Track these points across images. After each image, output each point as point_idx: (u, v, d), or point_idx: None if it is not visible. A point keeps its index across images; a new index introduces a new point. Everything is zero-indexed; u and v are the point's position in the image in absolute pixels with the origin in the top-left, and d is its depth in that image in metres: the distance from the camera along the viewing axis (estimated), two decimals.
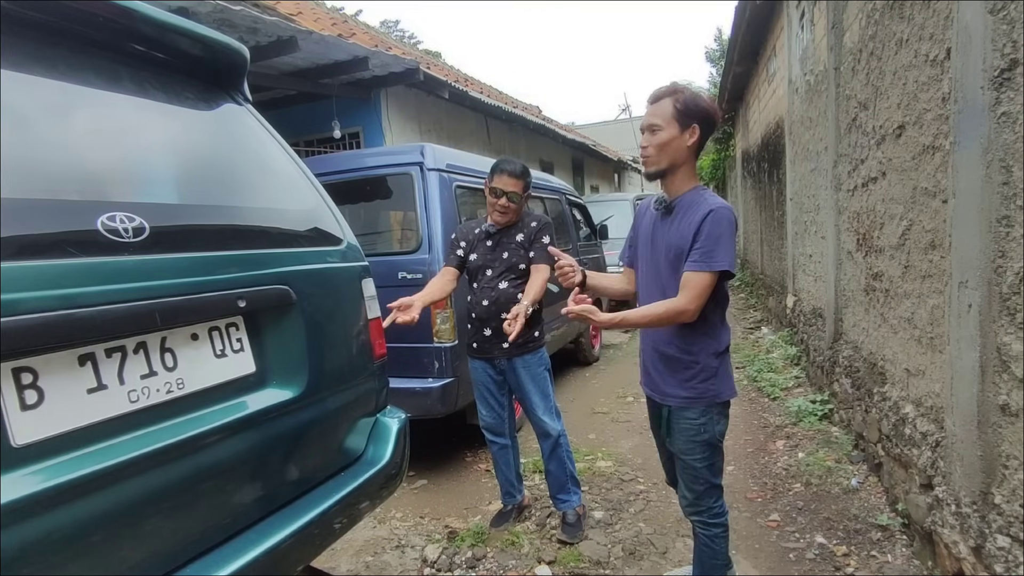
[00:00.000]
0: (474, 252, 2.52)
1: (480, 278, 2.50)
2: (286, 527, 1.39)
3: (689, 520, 1.86)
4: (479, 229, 2.54)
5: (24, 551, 0.94)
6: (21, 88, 1.14)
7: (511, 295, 2.43)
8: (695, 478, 1.77)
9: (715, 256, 1.58)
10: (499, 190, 2.39)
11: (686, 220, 1.66)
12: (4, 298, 0.94)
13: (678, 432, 1.75)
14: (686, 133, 1.65)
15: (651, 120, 1.66)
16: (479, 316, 2.49)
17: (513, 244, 2.47)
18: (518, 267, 2.46)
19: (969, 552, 1.77)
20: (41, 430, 0.99)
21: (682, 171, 1.70)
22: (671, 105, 1.64)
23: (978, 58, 1.64)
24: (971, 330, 1.71)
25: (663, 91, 1.68)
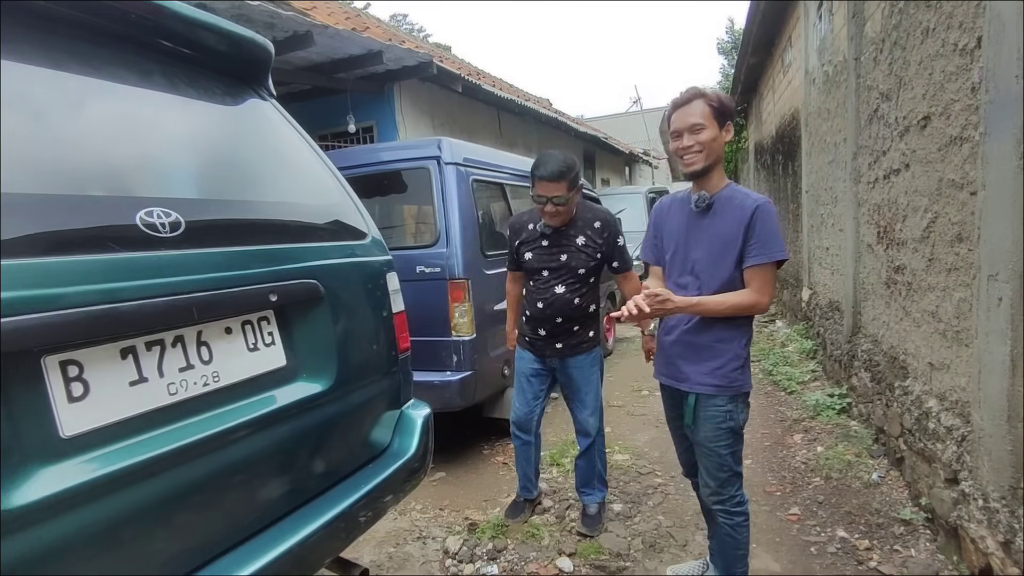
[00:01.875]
0: (529, 251, 2.44)
1: (536, 278, 2.43)
2: (316, 520, 1.40)
3: (711, 510, 1.85)
4: (533, 226, 2.44)
5: (71, 542, 0.96)
6: (62, 85, 1.16)
7: (567, 300, 2.37)
8: (720, 466, 1.78)
9: (774, 248, 1.65)
10: (543, 197, 2.29)
11: (729, 215, 1.69)
12: (52, 292, 0.96)
13: (705, 420, 1.76)
14: (723, 131, 1.70)
15: (692, 119, 1.68)
16: (533, 316, 2.45)
17: (573, 247, 2.37)
18: (577, 271, 2.36)
19: (998, 547, 1.76)
20: (87, 422, 1.01)
21: (718, 168, 1.75)
22: (706, 105, 1.68)
23: (1012, 47, 1.62)
24: (1002, 324, 1.70)
25: (691, 93, 1.71)
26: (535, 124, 9.49)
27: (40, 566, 0.91)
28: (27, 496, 0.90)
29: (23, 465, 0.91)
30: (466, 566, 2.36)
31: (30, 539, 0.90)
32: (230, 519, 1.27)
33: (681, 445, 2.01)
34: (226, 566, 1.21)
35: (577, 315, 2.42)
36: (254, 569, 1.20)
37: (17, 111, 1.05)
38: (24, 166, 1.01)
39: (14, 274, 0.92)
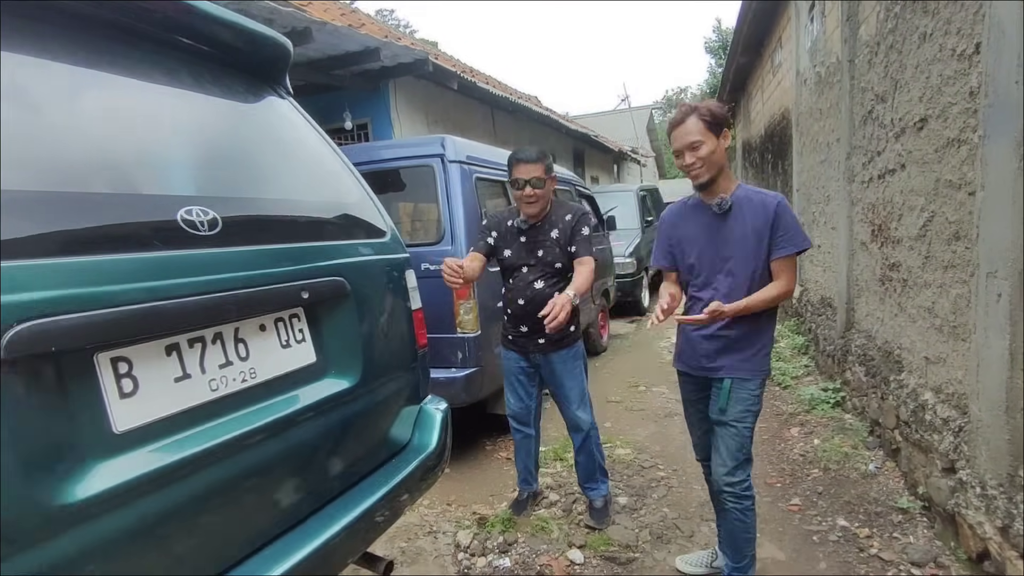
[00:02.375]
0: (507, 248, 2.50)
1: (515, 275, 2.48)
2: (348, 514, 1.42)
3: (722, 493, 1.92)
4: (511, 223, 2.51)
5: (123, 536, 0.97)
6: (101, 85, 1.17)
7: (547, 295, 2.40)
8: (741, 446, 1.89)
9: (798, 239, 1.81)
10: (520, 180, 2.36)
11: (751, 213, 1.83)
12: (105, 290, 0.97)
13: (737, 402, 1.87)
14: (720, 139, 1.82)
15: (690, 138, 1.80)
16: (514, 313, 2.50)
17: (548, 241, 2.44)
18: (554, 266, 2.43)
19: (995, 532, 1.84)
20: (138, 417, 1.03)
21: (725, 173, 1.87)
22: (699, 120, 1.80)
23: (1012, 54, 1.68)
24: (1000, 319, 1.77)
25: (684, 111, 1.84)
26: (527, 122, 9.52)
27: (95, 561, 0.93)
28: (87, 491, 0.92)
29: (82, 460, 0.93)
30: (478, 559, 2.40)
31: (88, 533, 0.92)
32: (265, 516, 1.28)
33: (700, 429, 2.10)
34: (262, 562, 1.23)
35: None
36: (289, 566, 1.22)
37: (65, 110, 1.06)
38: (79, 165, 1.02)
39: (71, 272, 0.94)
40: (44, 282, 0.89)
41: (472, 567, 2.36)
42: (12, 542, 0.82)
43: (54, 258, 0.92)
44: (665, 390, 4.55)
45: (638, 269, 7.57)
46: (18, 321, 0.85)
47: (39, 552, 0.85)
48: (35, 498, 0.85)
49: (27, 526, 0.84)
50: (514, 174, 2.40)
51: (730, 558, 1.97)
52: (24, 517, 0.84)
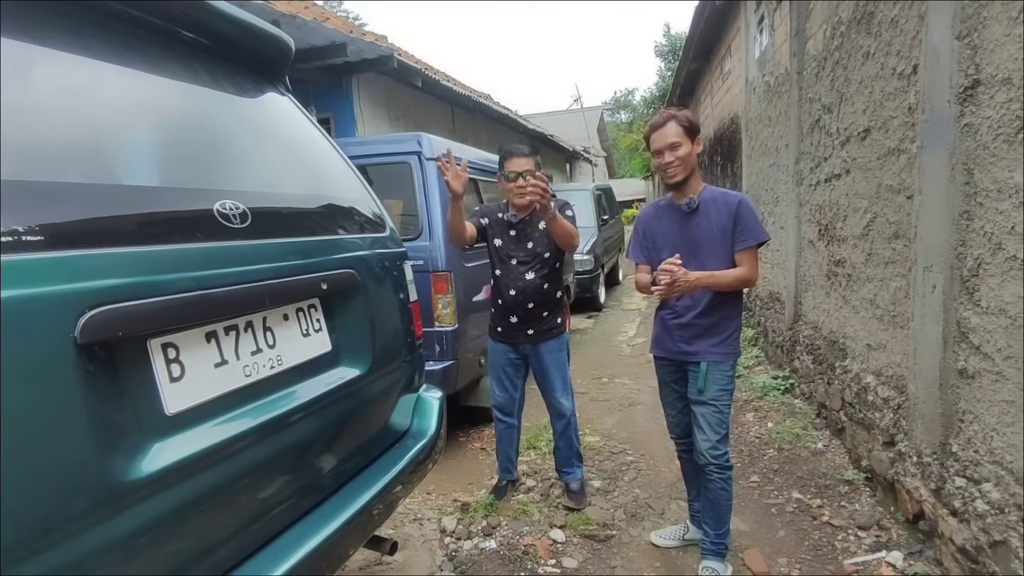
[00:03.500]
0: (498, 237, 2.60)
1: (505, 266, 2.58)
2: (361, 498, 1.49)
3: (708, 465, 2.07)
4: (502, 215, 2.61)
5: (174, 512, 1.03)
6: (130, 83, 1.20)
7: (537, 286, 2.54)
8: (720, 421, 2.06)
9: (757, 232, 2.01)
10: (513, 173, 2.46)
11: (716, 211, 2.03)
12: (158, 279, 1.02)
13: (713, 383, 2.05)
14: (695, 144, 2.03)
15: (670, 139, 1.98)
16: (505, 304, 2.60)
17: (537, 233, 2.56)
18: (543, 256, 2.55)
19: (930, 494, 2.09)
20: (185, 400, 1.08)
21: (695, 175, 2.07)
22: (678, 125, 2.00)
23: (945, 76, 1.92)
24: (935, 307, 2.02)
25: (665, 116, 2.03)
26: (484, 120, 9.61)
27: (154, 534, 0.98)
28: (147, 468, 0.97)
29: (142, 440, 0.98)
30: (464, 543, 2.50)
31: (149, 508, 0.97)
32: (293, 497, 1.35)
33: (675, 408, 2.26)
34: (297, 536, 1.29)
35: (547, 300, 2.60)
36: (324, 536, 1.30)
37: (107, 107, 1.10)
38: (128, 158, 1.06)
39: (132, 261, 0.98)
40: (110, 270, 0.94)
41: (459, 550, 2.45)
42: (89, 515, 0.87)
43: (117, 248, 0.97)
44: (627, 381, 4.76)
45: (595, 266, 7.80)
46: (90, 307, 0.90)
47: (111, 525, 0.90)
48: (108, 474, 0.91)
49: (102, 500, 0.89)
50: (507, 167, 2.50)
51: (711, 527, 2.13)
52: (99, 492, 0.89)
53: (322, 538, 1.32)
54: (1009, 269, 1.66)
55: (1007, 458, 1.71)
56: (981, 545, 1.78)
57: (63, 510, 0.84)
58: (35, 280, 0.83)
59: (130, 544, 0.94)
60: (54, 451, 0.83)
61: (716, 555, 2.13)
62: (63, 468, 0.84)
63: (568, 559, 2.36)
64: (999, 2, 1.66)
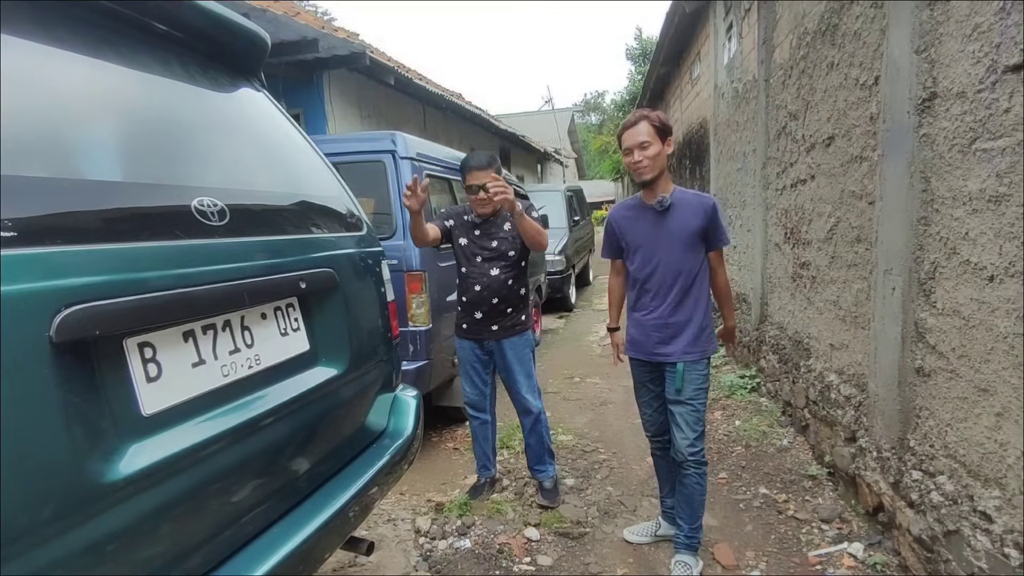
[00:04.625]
0: (463, 237, 2.65)
1: (470, 263, 2.62)
2: (339, 499, 1.48)
3: (686, 461, 2.12)
4: (466, 216, 2.67)
5: (151, 514, 1.01)
6: (112, 77, 1.17)
7: (502, 282, 2.59)
8: (698, 419, 2.12)
9: (726, 235, 2.17)
10: (475, 186, 2.52)
11: (688, 211, 2.10)
12: (134, 277, 1.00)
13: (689, 382, 2.10)
14: (665, 145, 2.07)
15: (641, 138, 2.03)
16: (470, 300, 2.63)
17: (501, 233, 2.62)
18: (508, 254, 2.61)
19: (888, 487, 2.19)
20: (163, 401, 1.06)
21: (665, 176, 2.13)
22: (649, 125, 2.04)
23: (904, 88, 2.01)
24: (894, 309, 2.11)
25: (637, 115, 2.07)
26: (456, 119, 9.59)
27: (127, 539, 0.96)
28: (124, 470, 0.95)
29: (119, 441, 0.96)
30: (439, 542, 2.50)
31: (127, 511, 0.95)
32: (267, 500, 1.33)
33: (650, 407, 2.30)
34: (267, 544, 1.27)
35: (511, 296, 2.65)
36: (302, 538, 1.28)
37: (85, 100, 1.07)
38: (103, 152, 1.04)
39: (108, 258, 0.96)
40: (86, 267, 0.92)
41: (434, 550, 2.45)
42: (65, 518, 0.85)
43: (93, 244, 0.94)
44: (598, 380, 4.82)
45: (567, 266, 7.87)
46: (66, 305, 0.87)
47: (87, 529, 0.88)
48: (85, 477, 0.88)
49: (78, 504, 0.87)
50: (468, 180, 2.56)
51: (686, 521, 2.18)
52: (76, 495, 0.87)
53: (300, 540, 1.30)
54: (963, 272, 1.75)
55: (960, 452, 1.80)
56: (936, 535, 1.87)
57: (38, 513, 0.81)
58: (8, 277, 0.81)
59: (107, 548, 0.92)
60: (29, 453, 0.81)
61: (689, 549, 2.19)
62: (38, 471, 0.82)
63: (543, 557, 2.38)
64: (954, 20, 1.75)
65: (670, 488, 2.39)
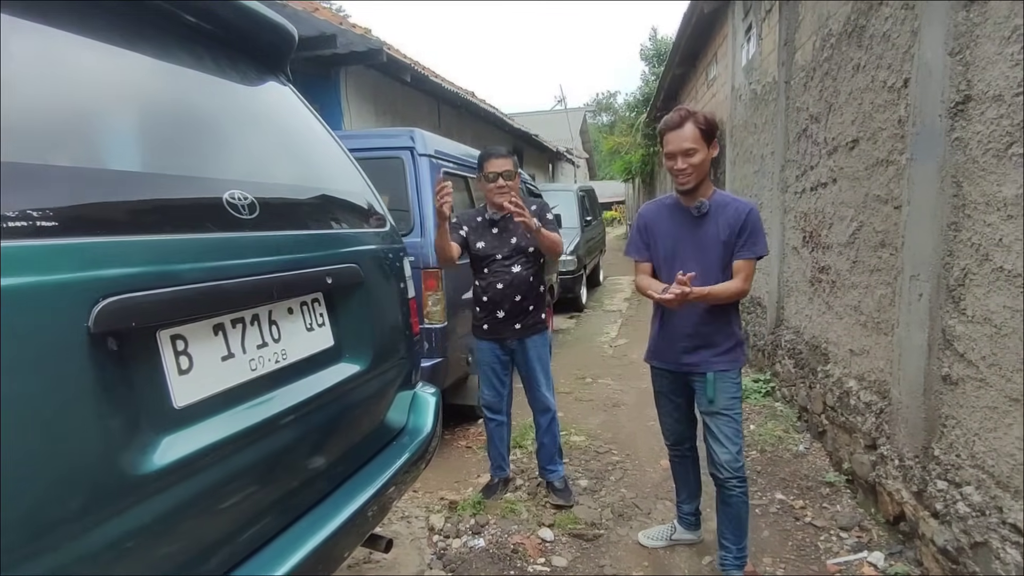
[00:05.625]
0: (480, 240, 2.63)
1: (491, 264, 2.61)
2: (360, 496, 1.47)
3: (729, 479, 2.05)
4: (480, 218, 2.66)
5: (182, 506, 1.00)
6: (149, 71, 1.17)
7: (524, 277, 2.59)
8: (736, 431, 2.04)
9: (759, 246, 1.96)
10: (492, 174, 2.53)
11: (725, 217, 1.97)
12: (168, 269, 1.00)
13: (722, 392, 2.02)
14: (711, 148, 1.95)
15: (686, 145, 1.90)
16: (492, 299, 2.62)
17: (519, 229, 2.59)
18: (527, 250, 2.61)
19: (911, 496, 2.15)
20: (193, 394, 1.06)
21: (707, 180, 2.01)
22: (696, 128, 1.90)
23: (937, 91, 1.98)
24: (921, 315, 2.08)
25: (682, 115, 1.92)
26: (470, 117, 9.58)
27: (155, 532, 0.96)
28: (156, 463, 0.95)
29: (152, 434, 0.96)
30: (453, 540, 2.49)
31: (154, 505, 0.94)
32: (288, 497, 1.32)
33: (671, 417, 2.25)
34: (290, 541, 1.26)
35: (533, 293, 2.66)
36: (328, 532, 1.28)
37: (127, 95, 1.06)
38: (138, 143, 1.03)
39: (144, 250, 0.96)
40: (124, 259, 0.92)
41: (448, 548, 2.44)
42: (100, 509, 0.85)
43: (130, 236, 0.94)
44: (610, 381, 4.79)
45: (578, 267, 7.84)
46: (104, 296, 0.87)
47: (120, 521, 0.88)
48: (120, 468, 0.88)
49: (113, 495, 0.87)
50: (487, 168, 2.56)
51: (733, 542, 2.10)
52: (111, 485, 0.87)
53: (322, 538, 1.29)
54: (995, 280, 1.72)
55: (988, 462, 1.77)
56: (962, 546, 1.84)
57: (75, 504, 0.81)
58: (50, 267, 0.81)
59: (134, 541, 0.91)
60: (68, 442, 0.81)
61: (739, 569, 2.11)
62: (76, 460, 0.82)
63: (557, 558, 2.37)
64: (992, 21, 1.71)
65: (688, 494, 2.37)
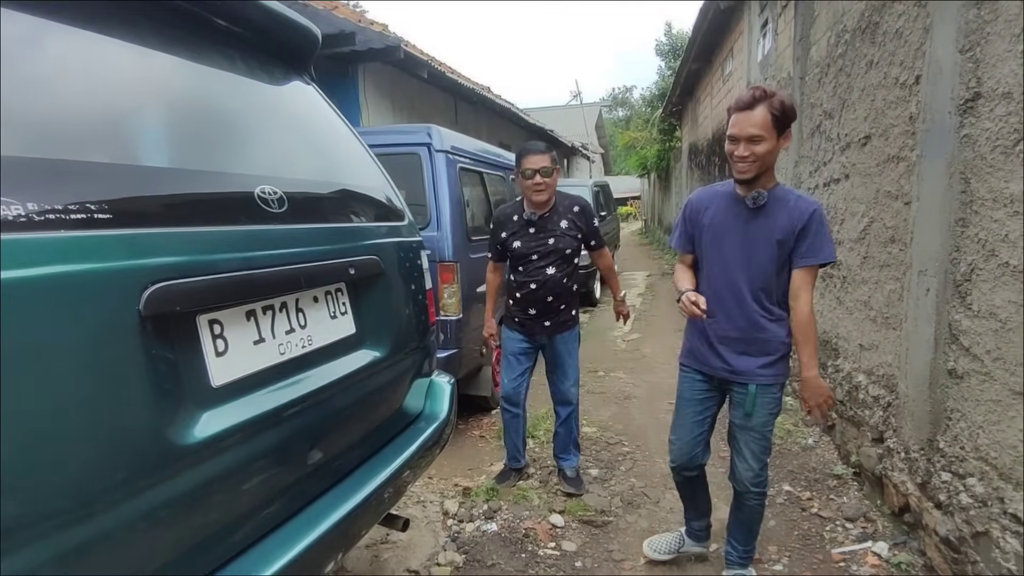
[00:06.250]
0: (516, 239, 2.65)
1: (526, 263, 2.64)
2: (379, 475, 1.55)
3: (748, 492, 1.96)
4: (517, 217, 2.66)
5: (218, 478, 1.09)
6: (185, 72, 1.25)
7: (558, 280, 2.61)
8: (765, 449, 1.91)
9: (826, 251, 1.78)
10: (530, 170, 2.52)
11: (783, 214, 1.78)
12: (211, 258, 1.08)
13: (762, 407, 1.86)
14: (782, 139, 1.74)
15: (753, 131, 1.69)
16: (524, 297, 2.66)
17: (557, 231, 2.62)
18: (564, 252, 2.62)
19: (916, 488, 2.19)
20: (228, 374, 1.14)
21: (770, 172, 1.81)
22: (768, 112, 1.68)
23: (947, 88, 2.00)
24: (928, 310, 2.11)
25: (756, 96, 1.71)
26: (486, 113, 9.63)
27: (195, 501, 1.04)
28: (198, 435, 1.03)
29: (194, 409, 1.04)
30: (467, 524, 2.57)
31: (195, 475, 1.03)
32: (315, 473, 1.40)
33: (690, 432, 2.02)
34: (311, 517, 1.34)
35: (565, 293, 2.69)
36: (351, 507, 1.36)
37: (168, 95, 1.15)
38: (184, 143, 1.12)
39: (187, 240, 1.04)
40: (169, 248, 1.00)
41: (462, 531, 2.53)
42: (153, 474, 0.94)
43: (174, 227, 1.02)
44: (623, 375, 4.85)
45: (592, 262, 7.87)
46: (152, 282, 0.95)
47: (170, 485, 0.97)
48: (168, 438, 0.97)
49: (161, 462, 0.96)
50: (524, 164, 2.55)
51: (741, 543, 2.06)
52: (160, 454, 0.95)
53: (341, 516, 1.36)
54: (1001, 275, 1.75)
55: (992, 454, 1.80)
56: (964, 536, 1.88)
57: (133, 467, 0.90)
58: (108, 255, 0.89)
59: (180, 507, 1.00)
60: (127, 412, 0.89)
61: (742, 566, 2.10)
62: (134, 429, 0.91)
63: (567, 542, 2.44)
64: (1003, 19, 1.74)
65: (696, 513, 2.23)
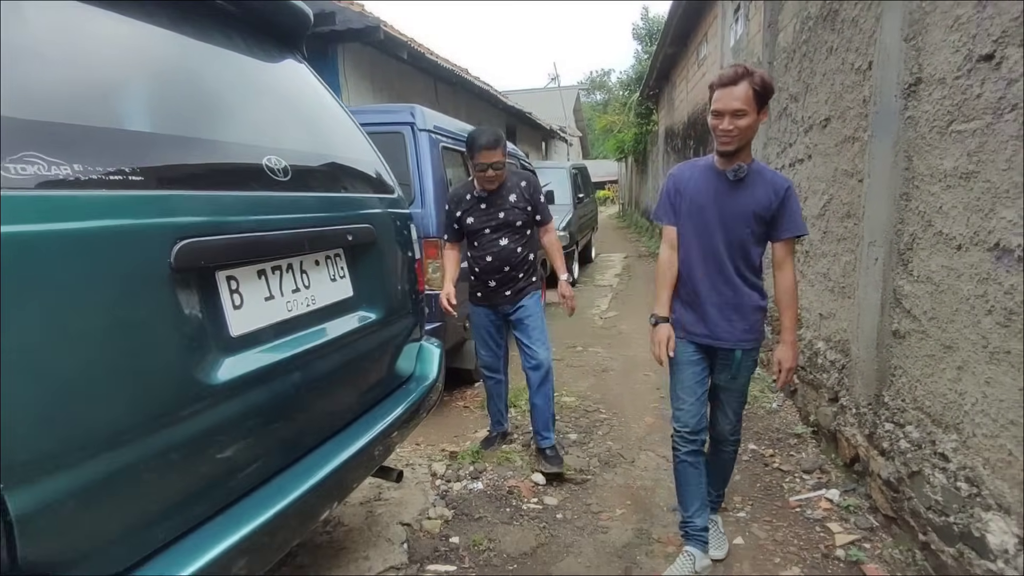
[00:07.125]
0: (470, 216, 2.79)
1: (480, 237, 2.79)
2: (380, 423, 1.70)
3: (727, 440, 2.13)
4: (469, 196, 2.81)
5: (237, 418, 1.22)
6: (194, 50, 1.35)
7: (512, 250, 2.77)
8: (742, 404, 2.10)
9: (800, 224, 1.92)
10: (483, 164, 2.65)
11: (762, 187, 1.88)
12: (229, 219, 1.20)
13: (745, 370, 2.01)
14: (761, 114, 1.83)
15: (736, 105, 1.77)
16: (483, 270, 2.81)
17: (507, 204, 2.77)
18: (515, 224, 2.78)
19: (864, 439, 2.41)
20: (244, 326, 1.26)
21: (747, 146, 1.90)
22: (750, 88, 1.77)
23: (893, 73, 2.19)
24: (876, 277, 2.31)
25: (739, 73, 1.79)
26: (465, 95, 9.67)
27: (222, 434, 1.18)
28: (222, 376, 1.16)
29: (217, 354, 1.17)
30: (454, 484, 2.74)
31: (219, 413, 1.16)
32: (320, 421, 1.54)
33: (694, 394, 2.03)
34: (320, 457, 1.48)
35: (521, 263, 2.84)
36: (351, 453, 1.50)
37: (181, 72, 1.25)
38: (194, 111, 1.22)
39: (209, 202, 1.16)
40: (193, 209, 1.12)
41: (450, 490, 2.69)
42: (185, 408, 1.06)
43: (197, 190, 1.14)
44: (600, 350, 5.04)
45: (570, 243, 8.04)
46: (180, 239, 1.07)
47: (199, 420, 1.10)
48: (197, 377, 1.09)
49: (194, 398, 1.08)
50: (478, 159, 2.67)
51: (716, 488, 2.23)
52: (193, 391, 1.08)
53: (338, 463, 1.49)
54: (936, 243, 1.94)
55: (926, 403, 2.01)
56: (902, 476, 2.10)
57: (170, 401, 1.03)
58: (143, 213, 1.01)
59: (206, 441, 1.13)
60: (164, 352, 1.02)
61: (713, 510, 2.26)
62: (170, 366, 1.03)
63: (548, 498, 2.62)
64: (940, 10, 1.91)
65: (698, 503, 2.06)
